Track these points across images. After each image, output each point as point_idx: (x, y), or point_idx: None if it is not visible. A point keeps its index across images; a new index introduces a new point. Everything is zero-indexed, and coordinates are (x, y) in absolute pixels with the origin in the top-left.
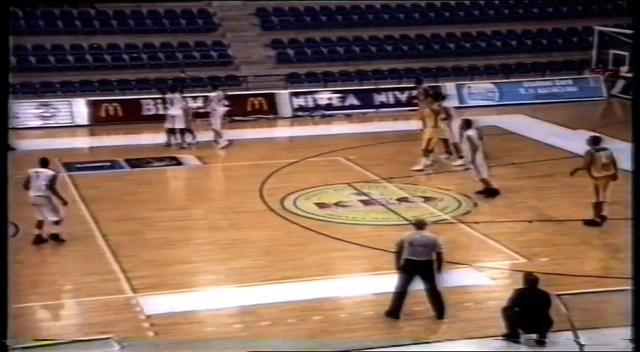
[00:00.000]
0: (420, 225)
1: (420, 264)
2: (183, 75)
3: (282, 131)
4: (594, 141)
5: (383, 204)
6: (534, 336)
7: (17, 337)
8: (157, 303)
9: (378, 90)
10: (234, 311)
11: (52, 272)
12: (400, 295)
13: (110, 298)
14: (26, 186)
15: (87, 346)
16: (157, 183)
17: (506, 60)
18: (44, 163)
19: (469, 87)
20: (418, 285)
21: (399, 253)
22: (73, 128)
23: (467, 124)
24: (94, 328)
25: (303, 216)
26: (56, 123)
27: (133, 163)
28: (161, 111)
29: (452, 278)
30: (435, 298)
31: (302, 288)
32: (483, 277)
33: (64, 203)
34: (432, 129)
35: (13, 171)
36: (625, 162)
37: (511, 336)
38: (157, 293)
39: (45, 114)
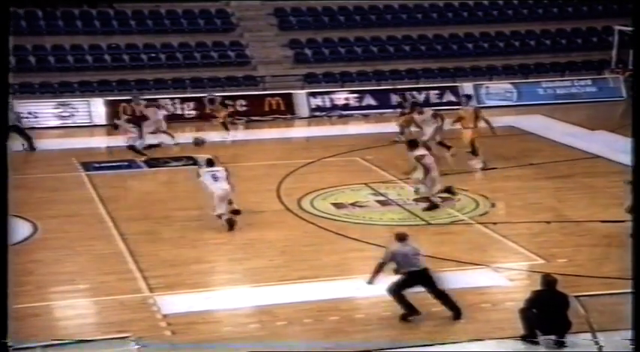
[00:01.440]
0: (403, 237)
1: (420, 273)
2: None
3: (299, 131)
4: None
5: (400, 205)
6: (553, 338)
7: (35, 336)
8: (173, 303)
9: (396, 91)
10: (251, 311)
11: (69, 271)
12: (402, 296)
13: (127, 297)
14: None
15: (105, 345)
16: (174, 182)
17: (524, 60)
18: (212, 162)
19: (487, 87)
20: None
21: (384, 263)
22: (91, 128)
23: (414, 144)
24: (112, 327)
25: (319, 216)
26: (74, 122)
27: (151, 163)
28: (178, 111)
29: (469, 279)
30: (446, 299)
31: (318, 288)
32: (501, 278)
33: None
34: (471, 130)
35: (32, 170)
36: None
37: (529, 337)
38: (174, 292)
39: (63, 114)
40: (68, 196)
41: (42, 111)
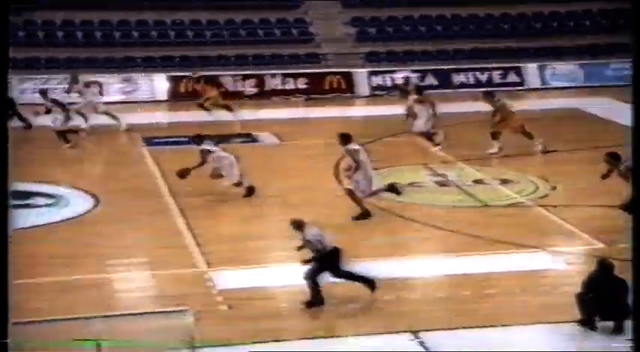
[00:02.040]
0: (301, 223)
1: (334, 252)
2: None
3: (358, 110)
4: None
5: (458, 186)
6: (611, 324)
7: (94, 307)
8: (230, 278)
9: (458, 71)
10: (306, 288)
11: (128, 244)
12: (317, 284)
13: (184, 272)
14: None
15: (162, 318)
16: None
17: (594, 40)
18: (348, 139)
19: (553, 68)
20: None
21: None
22: (153, 103)
23: (346, 139)
24: (169, 300)
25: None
26: (137, 98)
27: (212, 139)
28: (239, 88)
29: (526, 263)
30: (354, 277)
31: (373, 268)
32: (559, 261)
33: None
34: (511, 119)
35: (95, 145)
36: None
37: (586, 323)
38: (231, 268)
39: (127, 89)
40: (129, 170)
41: (106, 87)
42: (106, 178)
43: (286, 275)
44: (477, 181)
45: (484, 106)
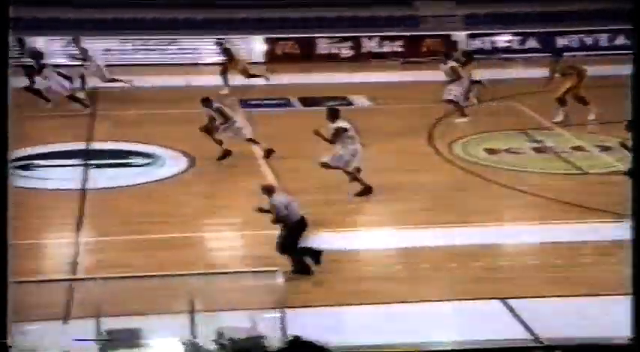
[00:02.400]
0: (272, 189)
1: (300, 222)
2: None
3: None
4: None
5: (556, 152)
6: None
7: (188, 265)
8: (318, 240)
9: (562, 34)
10: (395, 253)
11: (222, 205)
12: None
13: (275, 233)
14: None
15: (252, 277)
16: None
17: None
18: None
19: None
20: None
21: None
22: (249, 65)
23: (335, 114)
24: (259, 261)
25: (471, 162)
26: None
27: (306, 102)
28: (334, 50)
29: (625, 232)
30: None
31: (465, 234)
32: None
33: None
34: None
35: (192, 105)
36: None
37: None
38: (320, 230)
39: None
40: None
41: (203, 48)
42: (201, 139)
43: (375, 238)
44: (576, 148)
45: (592, 70)
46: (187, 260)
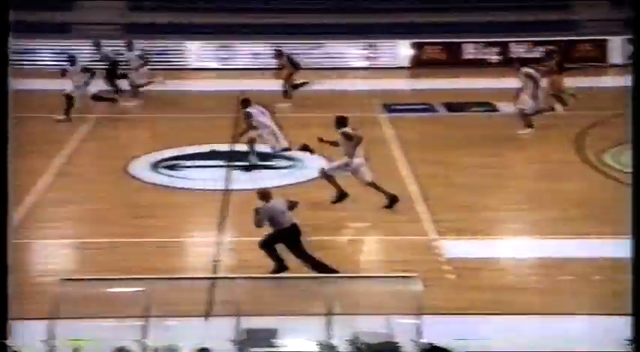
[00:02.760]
0: (268, 195)
1: (289, 229)
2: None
3: (612, 80)
4: None
5: None
6: None
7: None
8: (458, 247)
9: None
10: (536, 263)
11: (358, 208)
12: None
13: (414, 239)
14: None
15: (389, 282)
16: (470, 128)
17: None
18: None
19: None
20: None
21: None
22: (395, 70)
23: (342, 120)
24: (396, 266)
25: (621, 171)
26: (379, 64)
27: (451, 107)
28: (479, 56)
29: None
30: (311, 260)
31: (612, 246)
32: None
33: None
34: None
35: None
36: None
37: None
38: (460, 237)
39: (370, 55)
40: (366, 136)
41: (349, 52)
42: None
43: (516, 248)
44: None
45: None
46: (330, 262)
